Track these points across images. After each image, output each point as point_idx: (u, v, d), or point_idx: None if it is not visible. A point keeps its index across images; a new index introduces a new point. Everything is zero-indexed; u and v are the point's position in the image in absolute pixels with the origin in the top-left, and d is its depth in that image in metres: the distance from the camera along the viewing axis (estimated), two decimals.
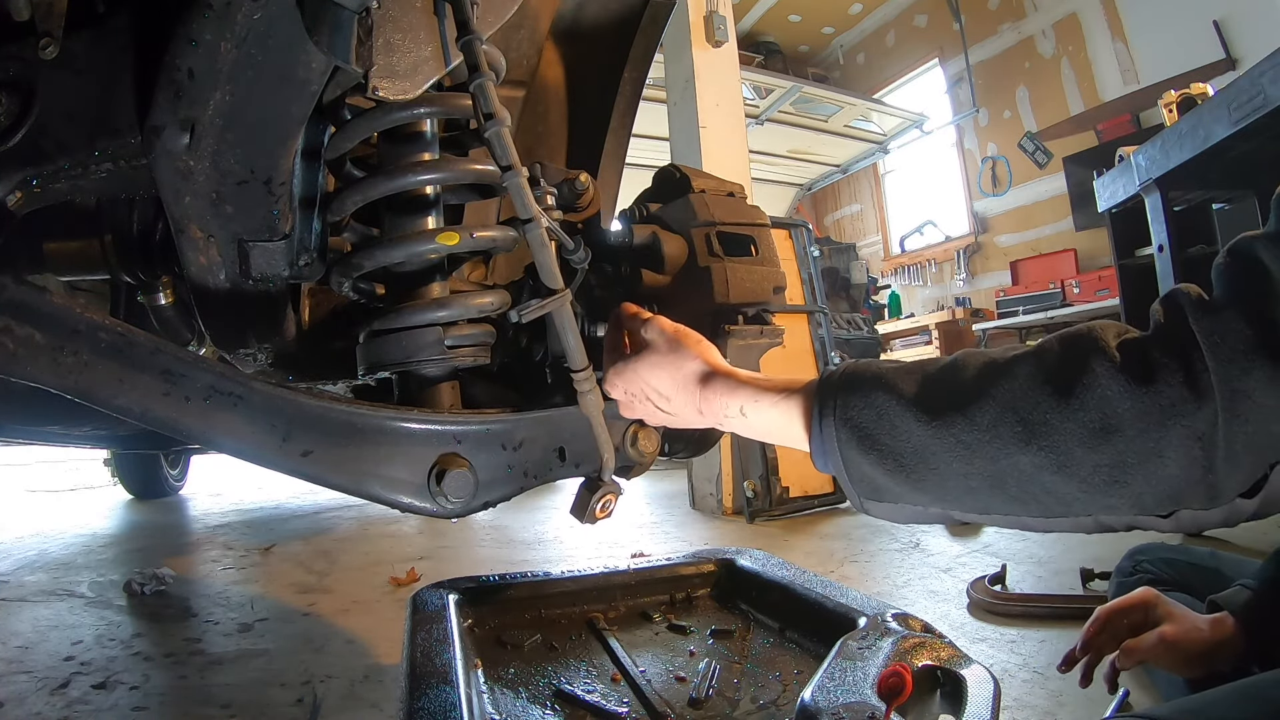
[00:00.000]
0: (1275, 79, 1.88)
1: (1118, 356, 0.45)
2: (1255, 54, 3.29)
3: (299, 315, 0.86)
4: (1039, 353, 0.49)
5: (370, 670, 1.39)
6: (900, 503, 0.55)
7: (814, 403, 0.58)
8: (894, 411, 0.53)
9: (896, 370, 0.56)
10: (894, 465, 0.53)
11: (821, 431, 0.57)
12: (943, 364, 0.54)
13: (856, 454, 0.55)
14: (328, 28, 0.55)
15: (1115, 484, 0.45)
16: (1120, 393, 0.44)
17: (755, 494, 2.85)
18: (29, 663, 1.42)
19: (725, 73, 3.30)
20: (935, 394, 0.52)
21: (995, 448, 0.48)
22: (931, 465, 0.51)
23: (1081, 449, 0.45)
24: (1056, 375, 0.47)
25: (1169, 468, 0.43)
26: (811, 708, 0.63)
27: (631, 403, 0.72)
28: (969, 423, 0.49)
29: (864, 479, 0.56)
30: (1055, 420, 0.46)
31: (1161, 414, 0.43)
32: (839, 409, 0.56)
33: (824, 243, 7.06)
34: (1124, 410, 0.44)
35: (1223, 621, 0.86)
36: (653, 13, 1.15)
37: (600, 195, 0.99)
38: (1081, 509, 0.47)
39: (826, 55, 8.47)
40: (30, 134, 0.60)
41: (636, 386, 0.70)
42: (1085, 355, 0.46)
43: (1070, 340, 0.48)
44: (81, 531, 2.90)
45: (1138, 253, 2.88)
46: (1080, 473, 0.45)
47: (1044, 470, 0.46)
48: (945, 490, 0.52)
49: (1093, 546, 2.07)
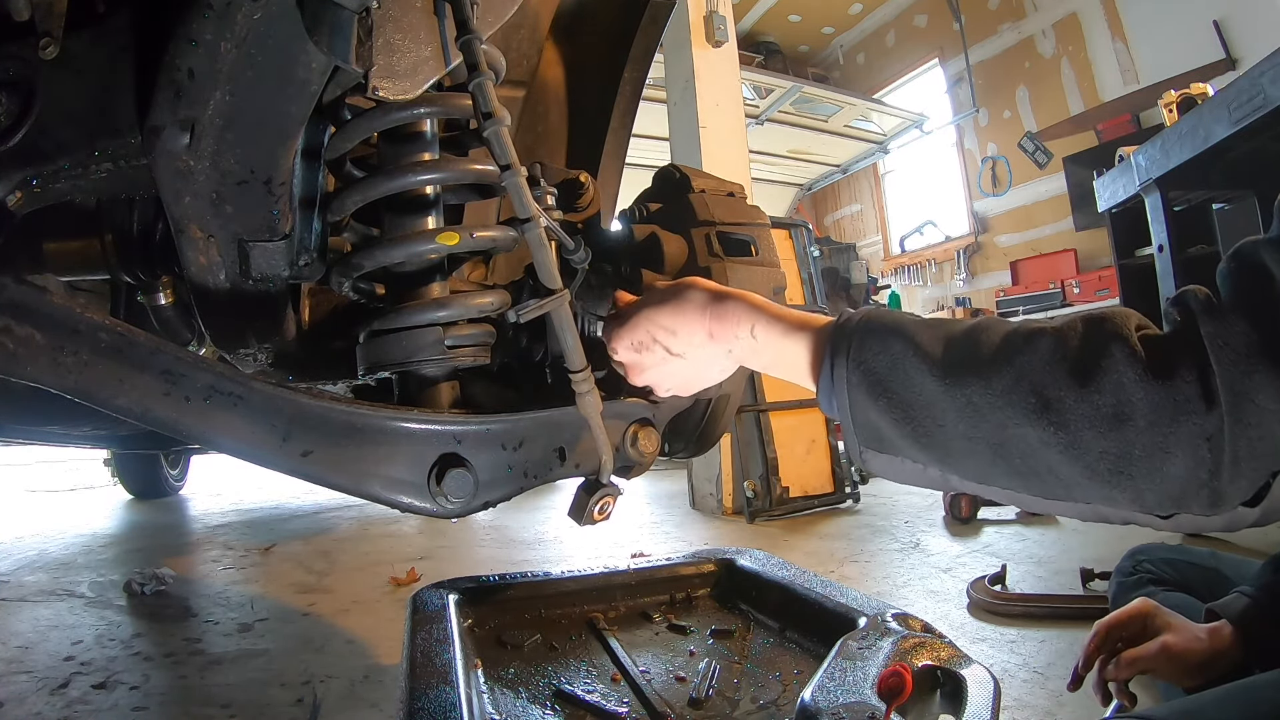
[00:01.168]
0: (1275, 79, 1.88)
1: (1139, 348, 0.45)
2: (1255, 54, 3.30)
3: (299, 315, 0.86)
4: (1062, 331, 0.48)
5: (370, 670, 1.39)
6: (901, 456, 0.54)
7: (828, 341, 0.57)
8: (909, 362, 0.52)
9: (917, 323, 0.55)
10: (901, 416, 0.52)
11: (832, 371, 0.56)
12: (965, 326, 0.54)
13: (865, 398, 0.54)
14: (328, 28, 0.55)
15: (1119, 474, 0.45)
16: (1136, 382, 0.44)
17: (755, 494, 2.85)
18: (29, 663, 1.43)
19: (725, 73, 3.30)
20: (953, 352, 0.51)
21: (1005, 415, 0.48)
22: (939, 421, 0.51)
23: (1091, 432, 0.45)
24: (1077, 356, 0.46)
25: (1174, 466, 0.43)
26: (811, 708, 0.63)
27: (639, 359, 0.70)
28: (984, 386, 0.49)
29: (868, 426, 0.55)
30: (1070, 399, 0.45)
31: (1175, 409, 0.42)
32: (853, 350, 0.55)
33: (824, 243, 7.07)
34: (1138, 400, 0.43)
35: (1220, 630, 0.86)
36: (653, 13, 1.15)
37: (600, 195, 0.99)
38: (1081, 495, 0.47)
39: (826, 55, 8.47)
40: (30, 134, 0.60)
41: (641, 330, 0.68)
42: (1108, 341, 0.46)
43: (1094, 323, 0.48)
44: (81, 531, 2.90)
45: (1138, 253, 2.88)
46: (1086, 457, 0.45)
47: (1050, 448, 0.46)
48: (948, 450, 0.51)
49: (1093, 547, 2.07)
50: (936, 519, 2.62)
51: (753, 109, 6.21)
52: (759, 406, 2.96)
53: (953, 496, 2.54)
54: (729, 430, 1.15)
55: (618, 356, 0.72)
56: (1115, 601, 1.13)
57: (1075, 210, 5.68)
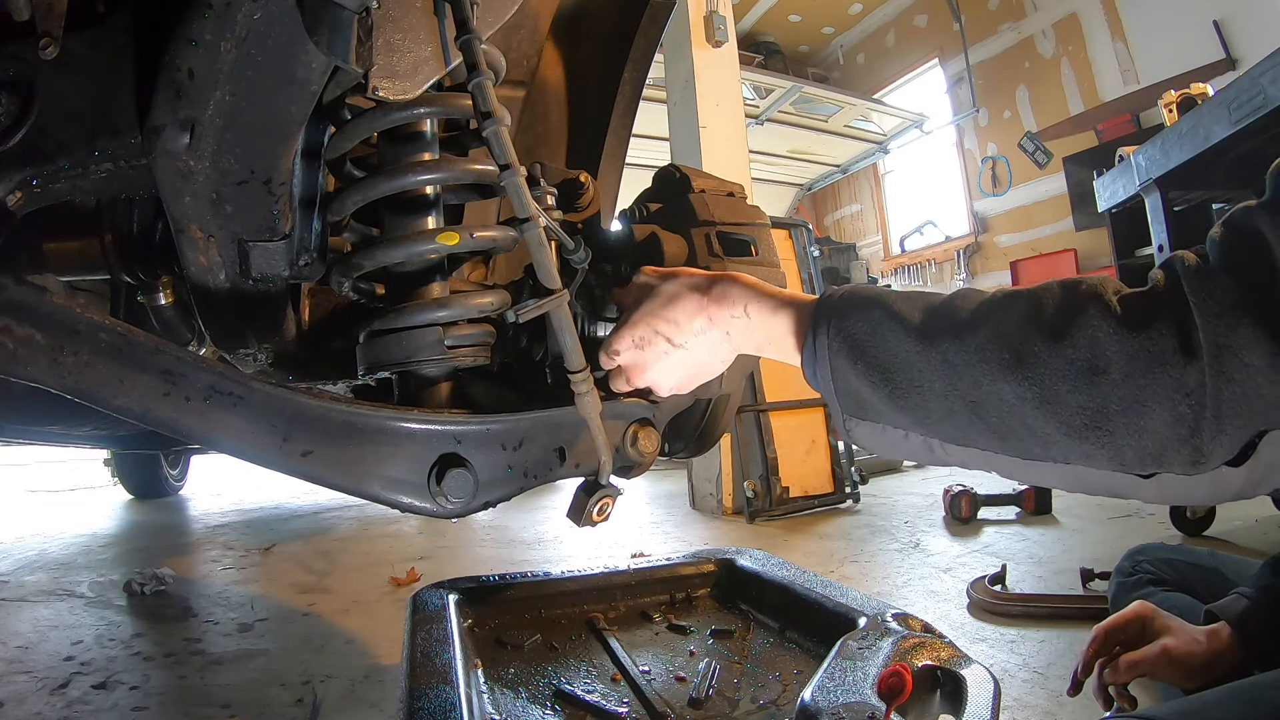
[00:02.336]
0: (1275, 79, 1.88)
1: (1115, 305, 0.45)
2: (1255, 54, 3.30)
3: (299, 315, 0.86)
4: (1038, 292, 0.49)
5: (370, 670, 1.39)
6: (882, 423, 0.55)
7: (811, 314, 0.59)
8: (887, 327, 0.53)
9: (899, 294, 0.56)
10: (879, 379, 0.53)
11: (815, 341, 0.58)
12: (945, 295, 0.55)
13: (845, 364, 0.55)
14: (328, 28, 0.55)
15: (1096, 430, 0.44)
16: (1111, 335, 0.44)
17: (755, 494, 2.85)
18: (29, 663, 1.43)
19: (725, 73, 3.30)
20: (931, 316, 0.53)
21: (980, 371, 0.48)
22: (916, 383, 0.51)
23: (1066, 385, 0.45)
24: (1053, 313, 0.47)
25: (1152, 421, 0.43)
26: (811, 708, 0.63)
27: (641, 357, 0.70)
28: (959, 344, 0.49)
29: (850, 392, 0.56)
30: (1043, 353, 0.46)
31: (1150, 361, 0.42)
32: (834, 319, 0.57)
33: (824, 243, 7.08)
34: (1112, 353, 0.43)
35: (1219, 632, 0.85)
36: (653, 13, 1.15)
37: (600, 195, 0.99)
38: (1060, 453, 0.47)
39: (826, 55, 8.47)
40: (30, 134, 0.60)
41: (643, 326, 0.69)
42: (1084, 299, 0.46)
43: (1071, 285, 0.48)
44: (81, 531, 2.90)
45: (1138, 253, 2.89)
46: (1062, 412, 0.45)
47: (1026, 403, 0.46)
48: (927, 411, 0.52)
49: (1093, 547, 2.08)
50: (936, 519, 2.62)
51: (753, 109, 6.21)
52: (759, 406, 2.96)
53: (953, 497, 2.54)
54: (729, 430, 1.15)
55: (623, 357, 0.71)
56: (1115, 601, 1.14)
57: (1075, 210, 5.69)
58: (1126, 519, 2.39)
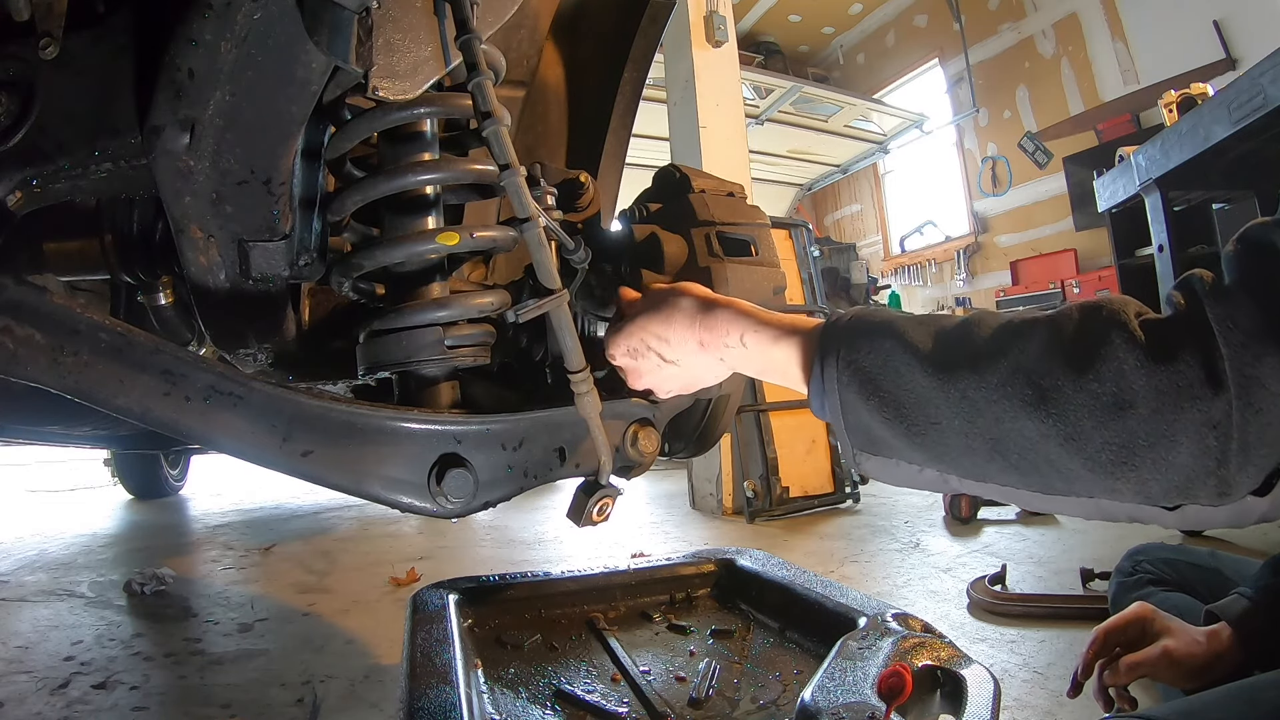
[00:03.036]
0: (1275, 79, 1.88)
1: (1140, 333, 0.43)
2: (1255, 54, 3.29)
3: (299, 315, 0.86)
4: (1057, 319, 0.47)
5: (370, 670, 1.39)
6: (896, 459, 0.53)
7: (818, 343, 0.57)
8: (900, 359, 0.51)
9: (908, 320, 0.54)
10: (894, 415, 0.51)
11: (823, 373, 0.55)
12: (957, 320, 0.52)
13: (856, 399, 0.53)
14: (328, 28, 0.55)
15: (1122, 465, 0.43)
16: (1138, 368, 0.42)
17: (755, 494, 2.85)
18: (29, 663, 1.43)
19: (725, 73, 3.30)
20: (945, 347, 0.50)
21: (1001, 409, 0.46)
22: (933, 419, 0.49)
23: (1091, 422, 0.43)
24: (1074, 343, 0.45)
25: (1180, 455, 0.41)
26: (811, 708, 0.63)
27: (635, 365, 0.71)
28: (978, 379, 0.47)
29: (861, 428, 0.53)
30: (1067, 388, 0.44)
31: (1178, 395, 0.41)
32: (843, 351, 0.54)
33: (824, 243, 7.07)
34: (1140, 387, 0.42)
35: (1219, 633, 0.85)
36: (653, 13, 1.15)
37: (600, 195, 0.99)
38: (1083, 488, 0.46)
39: (826, 55, 8.47)
40: (30, 134, 0.60)
41: (636, 338, 0.69)
42: (1106, 327, 0.44)
43: (1091, 310, 0.46)
44: (81, 531, 2.90)
45: (1138, 253, 2.89)
46: (1087, 448, 0.43)
47: (1049, 440, 0.45)
48: (944, 449, 0.50)
49: (1093, 547, 2.07)
50: (936, 519, 2.62)
51: (753, 109, 6.21)
52: (759, 406, 2.96)
53: (953, 497, 2.54)
54: (729, 430, 1.15)
55: (617, 361, 0.73)
56: (1115, 601, 1.14)
57: (1075, 210, 5.69)
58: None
